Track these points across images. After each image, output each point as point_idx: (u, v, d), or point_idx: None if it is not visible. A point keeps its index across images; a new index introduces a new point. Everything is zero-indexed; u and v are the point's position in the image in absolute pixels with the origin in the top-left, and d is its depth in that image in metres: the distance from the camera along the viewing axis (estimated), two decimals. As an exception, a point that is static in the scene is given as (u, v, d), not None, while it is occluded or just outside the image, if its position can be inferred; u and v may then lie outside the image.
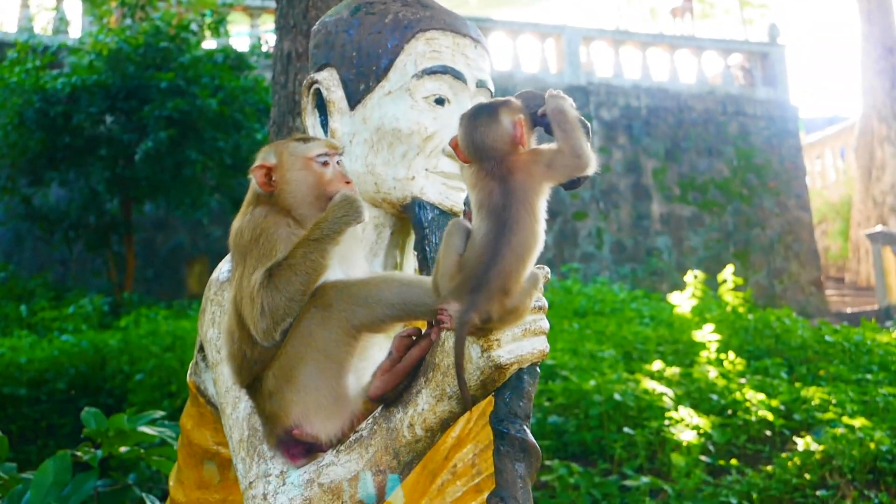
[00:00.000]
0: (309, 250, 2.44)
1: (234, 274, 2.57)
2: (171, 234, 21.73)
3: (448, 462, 3.08)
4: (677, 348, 12.77)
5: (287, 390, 2.47)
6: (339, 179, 2.59)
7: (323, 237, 2.44)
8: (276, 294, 2.43)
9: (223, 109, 16.58)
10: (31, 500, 4.28)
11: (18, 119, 16.78)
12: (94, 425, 4.97)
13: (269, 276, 2.45)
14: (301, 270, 2.43)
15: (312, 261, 2.43)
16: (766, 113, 27.14)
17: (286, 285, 2.43)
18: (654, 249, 24.95)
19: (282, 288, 2.43)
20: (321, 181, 2.58)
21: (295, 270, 2.43)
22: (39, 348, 12.57)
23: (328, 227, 2.45)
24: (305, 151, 2.60)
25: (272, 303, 2.44)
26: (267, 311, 2.44)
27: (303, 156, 2.60)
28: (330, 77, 3.06)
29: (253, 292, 2.45)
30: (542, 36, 26.21)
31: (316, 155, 2.60)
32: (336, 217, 2.45)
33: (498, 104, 2.39)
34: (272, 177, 2.61)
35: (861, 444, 8.50)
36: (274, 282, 2.44)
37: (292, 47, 7.18)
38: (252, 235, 2.53)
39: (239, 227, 2.58)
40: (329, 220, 2.45)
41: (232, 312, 2.56)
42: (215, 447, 3.10)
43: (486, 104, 2.41)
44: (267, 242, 2.50)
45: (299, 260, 2.44)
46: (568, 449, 9.21)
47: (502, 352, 2.31)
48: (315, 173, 2.59)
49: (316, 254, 2.44)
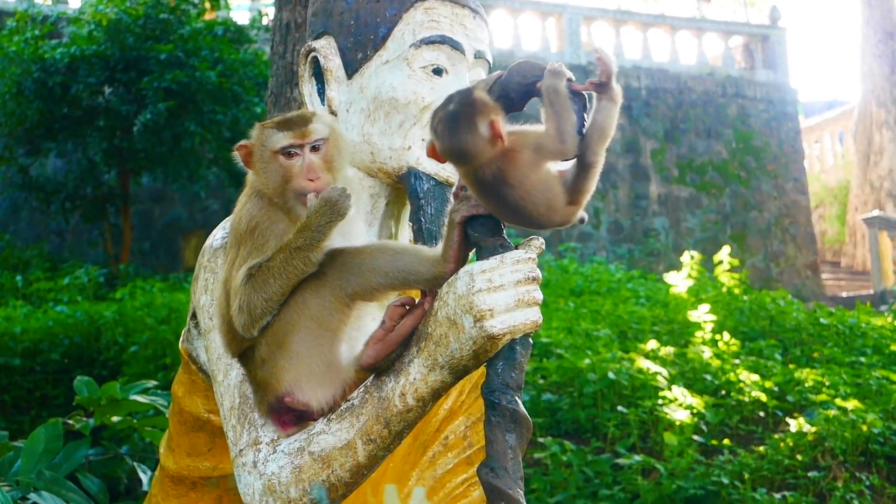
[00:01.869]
0: (290, 256, 2.42)
1: (228, 255, 2.57)
2: (168, 207, 21.72)
3: (440, 434, 3.08)
4: (672, 328, 12.78)
5: (279, 357, 2.46)
6: (303, 175, 2.51)
7: (305, 245, 2.42)
8: (254, 294, 2.43)
9: (222, 82, 16.54)
10: (22, 467, 4.28)
11: (17, 89, 16.75)
12: (86, 393, 4.96)
13: (249, 276, 2.44)
14: (280, 275, 2.42)
15: (294, 266, 2.42)
16: (765, 96, 27.11)
17: (264, 286, 2.42)
18: (652, 230, 24.95)
19: (259, 289, 2.42)
20: (286, 175, 2.52)
21: (273, 274, 2.42)
22: (34, 319, 12.58)
23: (310, 236, 2.42)
24: (272, 143, 2.54)
25: (250, 301, 2.43)
26: (245, 308, 2.44)
27: (269, 148, 2.54)
28: (327, 45, 3.04)
29: (236, 287, 2.46)
30: (543, 15, 26.15)
31: (281, 148, 2.53)
32: (318, 224, 2.42)
33: (467, 111, 2.34)
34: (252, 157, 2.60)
35: (853, 426, 8.53)
36: (253, 282, 2.43)
37: (291, 17, 7.16)
38: (248, 227, 2.52)
39: (238, 214, 2.57)
40: (312, 228, 2.42)
41: (222, 292, 2.56)
42: (206, 415, 3.10)
43: (454, 110, 2.35)
44: (261, 236, 2.49)
45: (279, 265, 2.42)
46: (561, 427, 9.22)
47: (495, 322, 2.29)
48: (281, 167, 2.53)
49: (297, 260, 2.42)
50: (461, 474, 3.06)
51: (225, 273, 2.55)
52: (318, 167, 2.52)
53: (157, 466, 3.41)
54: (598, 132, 2.35)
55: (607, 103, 2.37)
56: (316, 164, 2.52)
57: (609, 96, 2.37)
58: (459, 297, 2.32)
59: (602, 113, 2.36)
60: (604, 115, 2.36)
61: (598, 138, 2.35)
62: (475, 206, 2.40)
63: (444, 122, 2.35)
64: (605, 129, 2.36)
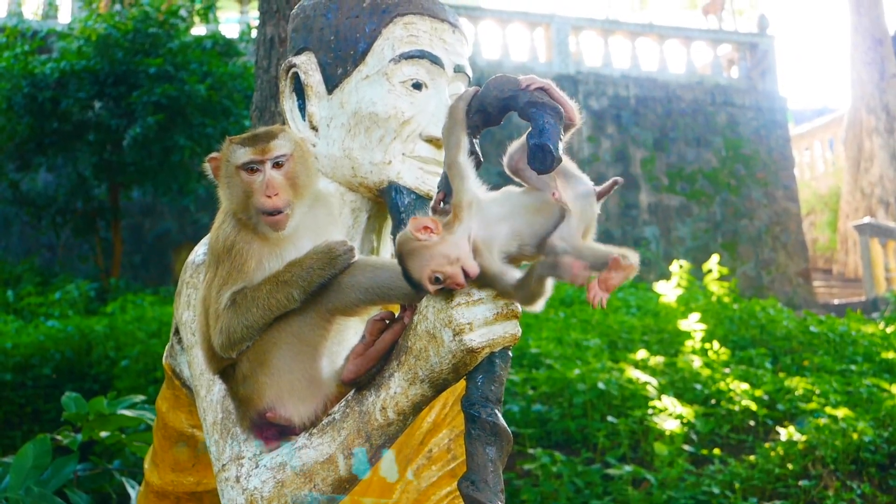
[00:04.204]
0: (275, 290, 2.43)
1: (207, 274, 2.58)
2: (158, 221, 21.71)
3: (423, 447, 3.09)
4: (662, 338, 12.80)
5: (261, 373, 2.48)
6: (261, 192, 2.49)
7: (292, 281, 2.43)
8: (235, 320, 2.44)
9: (211, 95, 16.56)
10: (11, 483, 4.29)
11: (7, 104, 16.76)
12: (73, 409, 4.97)
13: (233, 301, 2.45)
14: (263, 305, 2.43)
15: (276, 300, 2.43)
16: (754, 104, 27.14)
17: (245, 314, 2.43)
18: (642, 239, 24.94)
19: (241, 315, 2.43)
20: (247, 191, 2.51)
21: (257, 304, 2.43)
22: (25, 333, 12.56)
23: (300, 275, 2.43)
24: (235, 159, 2.53)
25: (230, 326, 2.44)
26: (225, 331, 2.45)
27: (232, 163, 2.53)
28: (308, 61, 3.06)
29: (218, 310, 2.46)
30: (531, 25, 26.17)
31: (242, 163, 2.52)
32: (311, 266, 2.44)
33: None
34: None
35: (844, 434, 8.53)
36: (235, 308, 2.44)
37: (275, 32, 7.17)
38: (224, 246, 2.52)
39: (216, 232, 2.57)
40: (304, 267, 2.44)
41: (202, 310, 2.56)
42: (190, 430, 3.11)
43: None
44: (238, 256, 2.49)
45: (263, 296, 2.43)
46: (551, 437, 9.22)
47: (474, 335, 2.30)
48: (242, 182, 2.52)
49: (281, 294, 2.42)
50: (445, 487, 3.07)
51: (204, 291, 2.55)
52: (279, 184, 2.50)
53: (143, 481, 3.43)
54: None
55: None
56: (276, 181, 2.50)
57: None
58: (438, 311, 2.33)
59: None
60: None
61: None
62: (453, 222, 2.41)
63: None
64: None
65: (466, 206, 2.36)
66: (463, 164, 2.41)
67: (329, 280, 2.45)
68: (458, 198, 2.38)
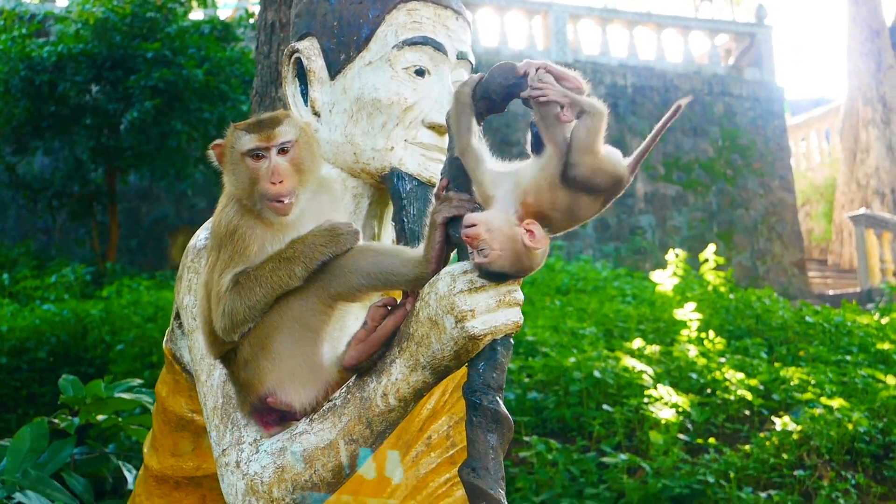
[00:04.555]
0: (278, 267, 2.43)
1: (209, 258, 2.58)
2: (155, 205, 21.69)
3: (423, 434, 3.08)
4: (658, 327, 12.79)
5: (262, 358, 2.48)
6: (267, 179, 2.49)
7: (295, 258, 2.43)
8: (238, 301, 2.44)
9: (209, 80, 16.51)
10: (7, 466, 4.28)
11: (4, 87, 16.72)
12: (70, 392, 4.96)
13: (235, 282, 2.45)
14: (265, 284, 2.43)
15: (279, 277, 2.43)
16: (751, 94, 27.13)
17: (249, 294, 2.43)
18: (638, 228, 24.94)
19: (244, 296, 2.43)
20: (252, 178, 2.51)
21: (260, 283, 2.43)
22: (21, 317, 12.55)
23: (303, 251, 2.44)
24: (240, 145, 2.53)
25: (233, 308, 2.44)
26: (227, 314, 2.45)
27: (237, 150, 2.53)
28: (311, 46, 3.05)
29: (220, 292, 2.46)
30: (529, 13, 26.13)
31: (248, 150, 2.52)
32: (314, 242, 2.44)
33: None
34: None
35: (839, 424, 8.54)
36: (238, 289, 2.44)
37: (276, 17, 7.14)
38: (227, 230, 2.52)
39: (218, 217, 2.58)
40: (307, 244, 2.44)
41: (203, 294, 2.56)
42: (190, 415, 3.10)
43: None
44: (241, 241, 2.50)
45: (266, 274, 2.43)
46: (547, 425, 9.22)
47: (476, 322, 2.31)
48: (248, 169, 2.52)
49: (283, 272, 2.43)
50: (444, 474, 3.06)
51: (206, 275, 2.55)
52: (284, 170, 2.50)
53: (141, 466, 3.42)
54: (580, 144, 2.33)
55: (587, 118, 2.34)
56: (282, 168, 2.50)
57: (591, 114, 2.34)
58: (441, 298, 2.33)
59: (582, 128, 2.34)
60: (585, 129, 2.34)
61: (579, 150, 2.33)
62: (457, 207, 2.41)
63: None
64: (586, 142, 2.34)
65: (491, 186, 2.37)
66: (477, 146, 2.42)
67: (331, 258, 2.45)
68: (481, 179, 2.39)
